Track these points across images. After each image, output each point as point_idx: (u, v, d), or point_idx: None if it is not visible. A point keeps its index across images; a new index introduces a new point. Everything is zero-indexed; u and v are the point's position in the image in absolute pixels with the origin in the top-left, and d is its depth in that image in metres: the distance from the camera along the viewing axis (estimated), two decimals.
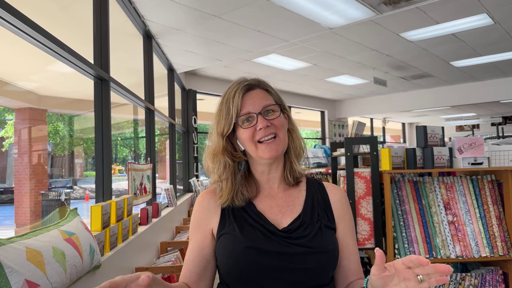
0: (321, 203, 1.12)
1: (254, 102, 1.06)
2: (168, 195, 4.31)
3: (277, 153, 1.05)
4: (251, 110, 1.05)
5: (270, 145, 1.04)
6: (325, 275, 1.04)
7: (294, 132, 1.14)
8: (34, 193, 7.35)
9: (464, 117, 13.23)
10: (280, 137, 1.06)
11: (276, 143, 1.05)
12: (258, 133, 1.04)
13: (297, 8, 3.83)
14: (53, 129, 11.48)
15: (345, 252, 1.10)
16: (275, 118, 1.06)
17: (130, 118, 8.45)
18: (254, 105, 1.06)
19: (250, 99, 1.07)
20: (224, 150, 1.08)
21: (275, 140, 1.05)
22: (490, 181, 2.56)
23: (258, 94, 1.08)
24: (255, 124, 1.05)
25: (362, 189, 2.59)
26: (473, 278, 2.43)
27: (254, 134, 1.05)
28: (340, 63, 6.78)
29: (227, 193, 1.09)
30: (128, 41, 4.32)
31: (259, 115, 1.05)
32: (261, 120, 1.04)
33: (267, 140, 1.04)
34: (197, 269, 1.09)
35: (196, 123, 6.82)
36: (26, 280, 1.15)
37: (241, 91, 1.07)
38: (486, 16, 4.67)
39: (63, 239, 1.43)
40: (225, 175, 1.09)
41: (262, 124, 1.04)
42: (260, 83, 1.12)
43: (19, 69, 5.50)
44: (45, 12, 3.33)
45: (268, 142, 1.04)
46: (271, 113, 1.07)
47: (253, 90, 1.09)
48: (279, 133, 1.06)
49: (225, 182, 1.10)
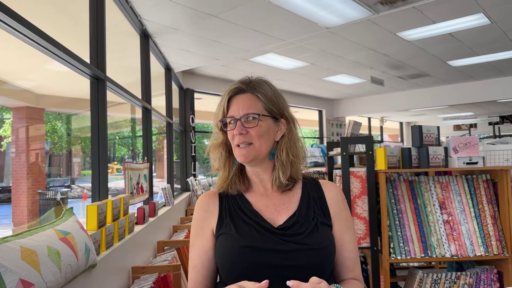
0: (317, 200, 1.13)
1: (238, 107, 1.10)
2: (165, 194, 4.32)
3: (246, 159, 1.09)
4: (234, 115, 1.10)
5: (241, 150, 1.09)
6: (323, 271, 1.05)
7: (285, 139, 1.14)
8: (31, 192, 7.34)
9: (461, 116, 13.26)
10: (255, 145, 1.08)
11: (247, 150, 1.08)
12: (235, 138, 1.09)
13: (294, 8, 3.84)
14: (51, 128, 11.46)
15: (341, 249, 1.11)
16: (252, 127, 1.08)
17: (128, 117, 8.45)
18: (237, 110, 1.10)
19: (235, 103, 1.11)
20: (221, 142, 1.15)
21: (248, 147, 1.08)
22: (485, 180, 2.57)
23: (244, 99, 1.11)
24: (233, 129, 1.10)
25: (357, 189, 2.60)
26: (468, 277, 2.44)
27: (233, 137, 1.10)
28: (338, 62, 6.79)
29: (222, 180, 1.15)
30: (125, 40, 4.32)
31: (238, 121, 1.09)
32: (238, 127, 1.08)
33: (243, 145, 1.09)
34: (207, 273, 1.11)
35: (193, 122, 6.82)
36: (21, 279, 1.15)
37: (229, 94, 1.12)
38: (483, 16, 4.68)
39: (58, 239, 1.44)
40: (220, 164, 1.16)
41: (237, 131, 1.08)
42: (251, 87, 1.12)
43: (17, 68, 5.49)
44: (41, 12, 3.33)
45: (242, 147, 1.09)
46: (251, 121, 1.09)
47: (242, 94, 1.12)
48: (255, 142, 1.08)
49: (222, 170, 1.16)
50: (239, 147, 1.09)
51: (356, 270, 1.12)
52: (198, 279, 1.09)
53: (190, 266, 1.12)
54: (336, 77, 8.08)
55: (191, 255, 1.12)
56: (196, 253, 1.11)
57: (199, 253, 1.10)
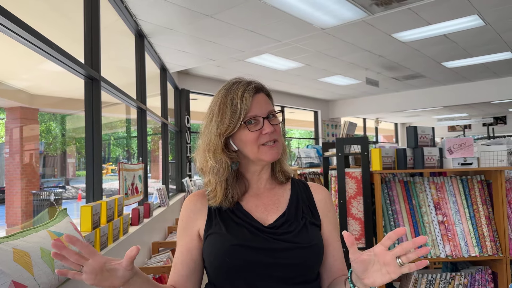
0: (305, 201, 1.15)
1: (261, 106, 1.08)
2: (160, 195, 4.30)
3: (278, 156, 1.09)
4: (258, 114, 1.07)
5: (272, 149, 1.08)
6: (311, 270, 1.06)
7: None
8: (25, 193, 7.29)
9: (456, 117, 13.33)
10: (279, 142, 1.10)
11: (277, 147, 1.09)
12: (263, 137, 1.07)
13: (289, 8, 3.84)
14: (45, 128, 11.40)
15: (330, 250, 1.12)
16: (277, 124, 1.10)
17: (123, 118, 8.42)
18: (261, 109, 1.08)
19: (257, 102, 1.08)
20: (223, 150, 1.08)
21: (277, 144, 1.09)
22: (480, 181, 2.58)
23: (263, 98, 1.11)
24: (261, 128, 1.07)
25: (353, 189, 2.61)
26: (462, 277, 2.45)
27: (259, 137, 1.07)
28: (333, 63, 6.80)
29: (221, 194, 1.09)
30: (119, 40, 4.30)
31: (265, 120, 1.07)
32: (267, 125, 1.07)
33: (271, 143, 1.08)
34: (186, 272, 1.10)
35: (189, 122, 6.80)
36: (13, 281, 1.14)
37: (250, 92, 1.07)
38: (477, 18, 4.71)
39: (52, 240, 1.42)
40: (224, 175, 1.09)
41: (270, 129, 1.07)
42: (263, 87, 1.14)
43: (10, 68, 5.45)
44: (35, 11, 3.31)
45: (271, 146, 1.08)
46: (274, 119, 1.10)
47: (259, 93, 1.11)
48: (279, 139, 1.10)
49: (219, 184, 1.09)
50: (270, 146, 1.07)
51: (345, 269, 1.13)
52: (175, 277, 1.10)
53: (173, 265, 1.12)
54: (331, 78, 8.09)
55: (175, 254, 1.13)
56: (178, 251, 1.12)
57: (182, 251, 1.11)
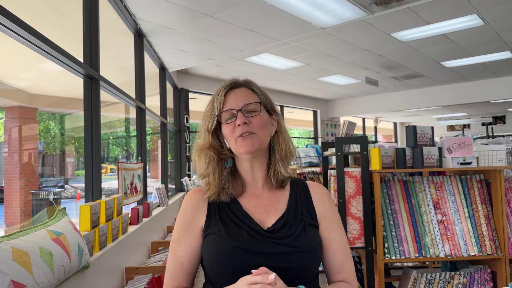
0: (304, 201, 1.14)
1: (236, 99, 1.10)
2: (160, 194, 4.30)
3: (253, 147, 1.07)
4: (232, 107, 1.09)
5: (246, 140, 1.06)
6: (309, 273, 1.06)
7: (281, 134, 1.16)
8: (24, 192, 7.29)
9: (455, 117, 13.34)
10: (257, 135, 1.08)
11: (251, 138, 1.07)
12: (237, 129, 1.07)
13: (288, 8, 3.84)
14: (44, 127, 11.39)
15: (326, 250, 1.11)
16: (253, 116, 1.09)
17: (122, 117, 8.41)
18: (236, 102, 1.09)
19: (233, 96, 1.11)
20: (210, 146, 1.11)
21: (252, 136, 1.07)
22: (479, 180, 2.58)
23: (241, 92, 1.12)
24: (235, 120, 1.08)
25: (352, 189, 2.60)
26: (462, 276, 2.45)
27: (234, 130, 1.08)
28: (332, 63, 6.80)
29: (214, 186, 1.11)
30: (119, 39, 4.29)
31: (239, 112, 1.08)
32: (240, 117, 1.07)
33: (246, 135, 1.07)
34: (193, 270, 1.10)
35: (188, 122, 6.80)
36: (12, 280, 1.14)
37: (225, 89, 1.11)
38: (477, 17, 4.71)
39: (51, 239, 1.42)
40: (210, 169, 1.12)
41: (240, 120, 1.07)
42: (246, 82, 1.15)
43: (9, 67, 5.44)
44: (35, 11, 3.30)
45: (246, 137, 1.07)
46: (252, 111, 1.09)
47: (238, 88, 1.13)
48: (257, 132, 1.08)
49: (212, 176, 1.12)
50: (242, 138, 1.06)
51: (345, 271, 1.10)
52: (181, 276, 1.08)
53: (176, 263, 1.09)
54: (330, 78, 8.09)
55: (176, 251, 1.10)
56: (183, 249, 1.09)
57: (186, 249, 1.09)
